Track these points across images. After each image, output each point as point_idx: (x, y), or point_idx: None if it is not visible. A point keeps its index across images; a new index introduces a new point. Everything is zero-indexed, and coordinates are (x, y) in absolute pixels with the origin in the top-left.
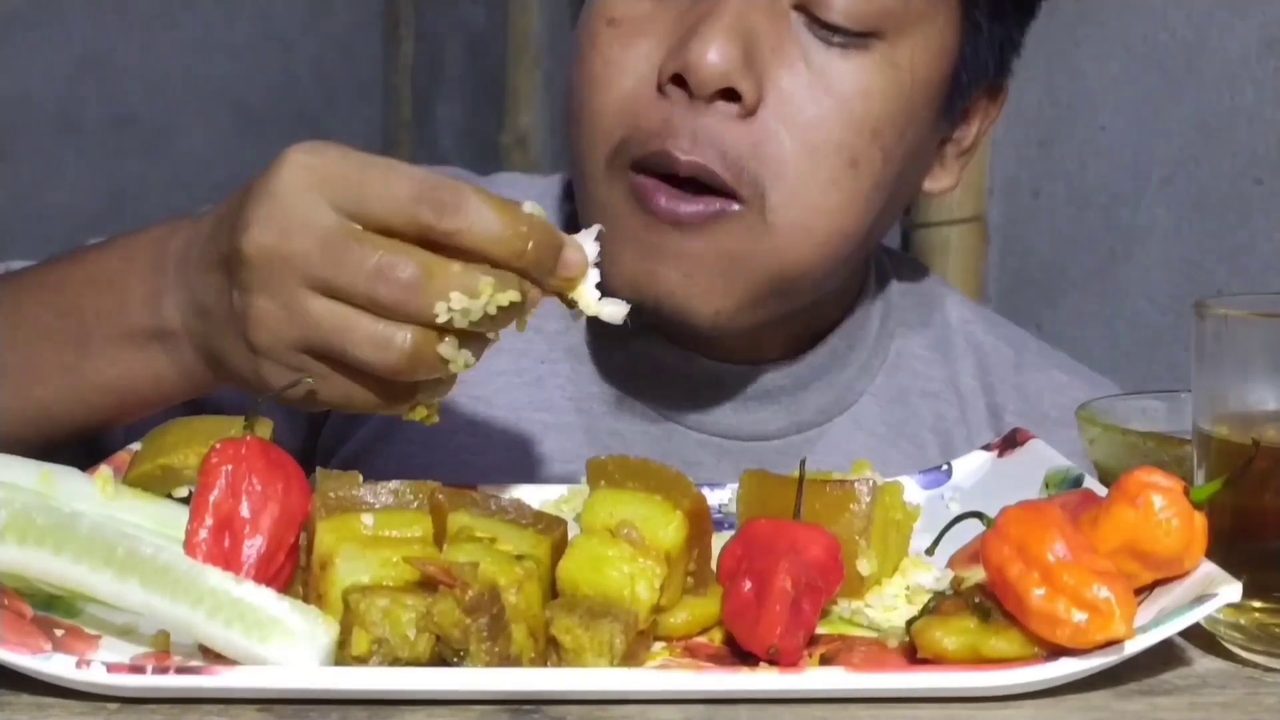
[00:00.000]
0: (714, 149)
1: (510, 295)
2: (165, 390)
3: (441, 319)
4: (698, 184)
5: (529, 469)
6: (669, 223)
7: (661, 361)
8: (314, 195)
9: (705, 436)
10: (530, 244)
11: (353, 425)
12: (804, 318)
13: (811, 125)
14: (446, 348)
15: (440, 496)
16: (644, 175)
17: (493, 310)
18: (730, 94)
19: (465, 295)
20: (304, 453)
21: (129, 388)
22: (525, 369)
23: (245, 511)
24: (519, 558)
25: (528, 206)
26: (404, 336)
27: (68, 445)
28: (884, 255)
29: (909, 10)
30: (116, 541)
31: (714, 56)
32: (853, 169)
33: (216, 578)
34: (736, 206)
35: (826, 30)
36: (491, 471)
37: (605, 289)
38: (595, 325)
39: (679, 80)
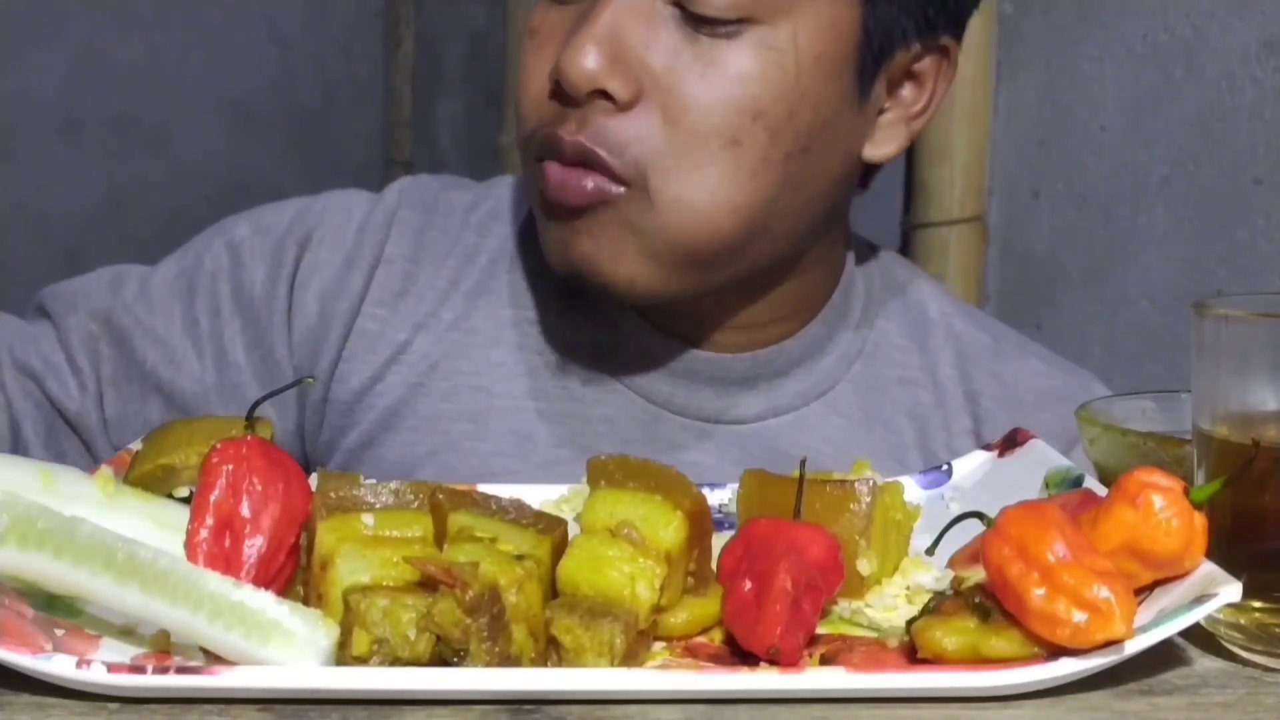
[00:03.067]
0: (597, 135)
1: None
2: None
3: None
4: (586, 166)
5: (526, 454)
6: (563, 213)
7: (648, 351)
8: None
9: (688, 421)
10: None
11: (353, 416)
12: (779, 299)
13: (687, 111)
14: None
15: (440, 496)
16: (544, 162)
17: None
18: (605, 94)
19: None
20: (303, 448)
21: None
22: (522, 360)
23: (246, 511)
24: (519, 558)
25: None
26: None
27: None
28: (865, 249)
29: None
30: (116, 546)
31: (581, 62)
32: (734, 148)
33: (216, 582)
34: (619, 189)
35: (699, 22)
36: (491, 457)
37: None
38: (588, 320)
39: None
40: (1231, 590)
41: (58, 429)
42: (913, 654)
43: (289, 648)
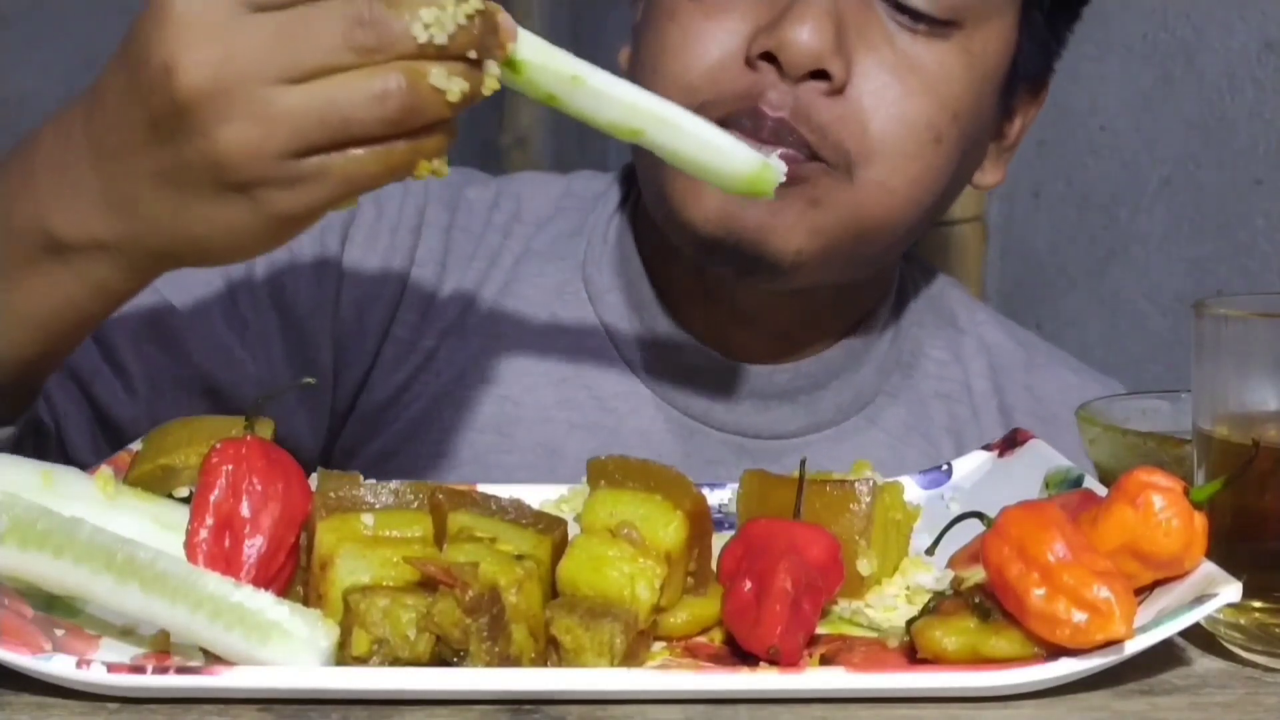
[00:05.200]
0: (802, 116)
1: (474, 3)
2: (84, 310)
3: (421, 39)
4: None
5: (554, 467)
6: None
7: (685, 363)
8: (213, 2)
9: (726, 435)
10: None
11: (378, 426)
12: (832, 312)
13: (899, 102)
14: (438, 77)
15: (440, 496)
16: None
17: (461, 19)
18: (821, 74)
19: (433, 9)
20: (324, 453)
21: (47, 314)
22: (551, 369)
23: (246, 511)
24: (519, 558)
25: None
26: (396, 79)
27: (11, 389)
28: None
29: (987, 2)
30: (116, 547)
31: (809, 38)
32: (936, 145)
33: (215, 582)
34: (813, 165)
35: (910, 17)
36: (517, 470)
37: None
38: (623, 329)
39: (769, 57)
40: (1231, 590)
41: (103, 431)
42: (913, 654)
43: (289, 648)
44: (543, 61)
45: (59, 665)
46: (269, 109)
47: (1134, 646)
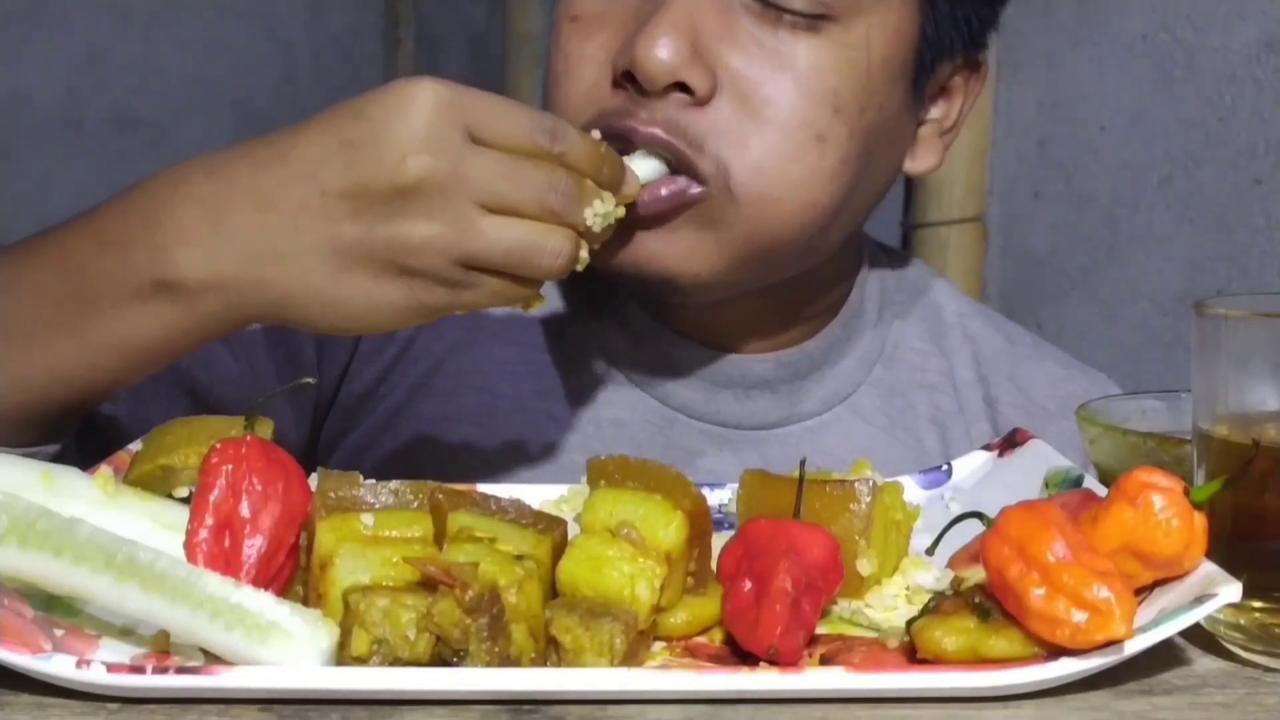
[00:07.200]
0: (674, 128)
1: (619, 211)
2: (176, 345)
3: (588, 222)
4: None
5: (533, 459)
6: (629, 222)
7: (664, 352)
8: (454, 122)
9: (707, 426)
10: (606, 165)
11: (356, 418)
12: (800, 302)
13: (770, 103)
14: (585, 250)
15: (440, 496)
16: None
17: (613, 220)
18: (682, 86)
19: (603, 204)
20: (308, 448)
21: (139, 345)
22: (530, 359)
23: (245, 511)
24: (519, 558)
25: (595, 134)
26: (570, 245)
27: (78, 410)
28: (876, 249)
29: None
30: (115, 547)
31: (659, 52)
32: (819, 143)
33: (215, 582)
34: (698, 189)
35: (776, 11)
36: (495, 461)
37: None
38: (602, 320)
39: (630, 76)
40: (1231, 590)
41: (81, 430)
42: (913, 654)
43: (289, 648)
44: None
45: (59, 665)
46: (469, 224)
47: (1134, 646)
